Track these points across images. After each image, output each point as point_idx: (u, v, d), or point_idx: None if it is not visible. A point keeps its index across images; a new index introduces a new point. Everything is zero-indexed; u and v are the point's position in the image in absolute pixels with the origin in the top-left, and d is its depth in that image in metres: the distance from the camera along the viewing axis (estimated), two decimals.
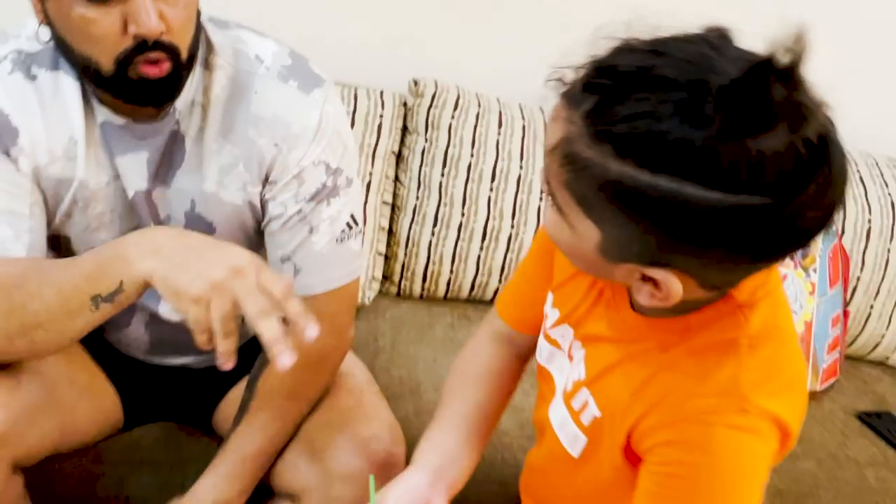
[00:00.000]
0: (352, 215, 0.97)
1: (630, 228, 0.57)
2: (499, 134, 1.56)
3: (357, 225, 0.98)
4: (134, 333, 1.04)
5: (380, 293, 1.60)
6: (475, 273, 1.57)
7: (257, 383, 0.97)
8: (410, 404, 1.26)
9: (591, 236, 0.60)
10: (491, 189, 1.54)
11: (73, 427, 0.96)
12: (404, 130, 1.59)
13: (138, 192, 0.92)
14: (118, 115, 0.88)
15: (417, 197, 1.55)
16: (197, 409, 1.11)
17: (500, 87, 1.65)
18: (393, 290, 1.60)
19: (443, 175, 1.54)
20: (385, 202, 1.57)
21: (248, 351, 1.08)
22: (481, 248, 1.56)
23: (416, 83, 1.59)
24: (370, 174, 1.52)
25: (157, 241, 0.76)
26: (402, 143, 1.59)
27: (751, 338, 0.65)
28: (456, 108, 1.56)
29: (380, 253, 1.56)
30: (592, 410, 0.73)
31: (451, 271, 1.57)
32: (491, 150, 1.54)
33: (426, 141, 1.55)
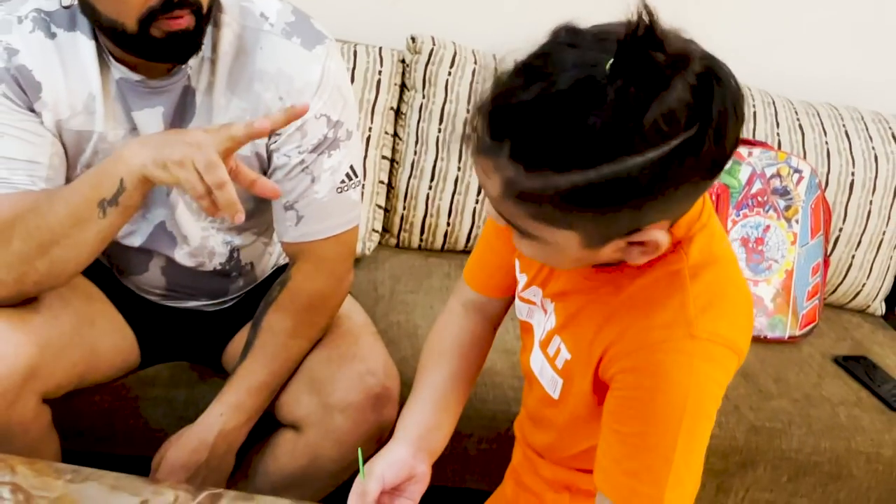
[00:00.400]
0: (351, 167, 1.02)
1: (602, 217, 0.62)
2: None
3: (356, 176, 1.03)
4: (151, 278, 1.11)
5: (379, 244, 1.66)
6: (471, 225, 1.63)
7: (261, 323, 1.03)
8: (408, 347, 1.33)
9: (571, 241, 0.65)
10: None
11: (95, 363, 1.04)
12: (402, 87, 1.64)
13: None
14: (133, 72, 0.93)
15: (415, 152, 1.60)
16: (208, 349, 1.18)
17: (496, 44, 1.68)
18: (392, 241, 1.67)
19: (440, 130, 1.59)
20: (384, 157, 1.62)
21: (254, 296, 1.15)
22: (477, 202, 1.61)
23: (414, 40, 1.63)
24: (369, 130, 1.57)
25: (145, 138, 0.88)
26: (400, 100, 1.63)
27: (692, 268, 0.71)
28: (452, 65, 1.60)
29: (379, 206, 1.62)
30: (564, 354, 0.79)
31: (448, 223, 1.63)
32: None
33: (424, 97, 1.60)
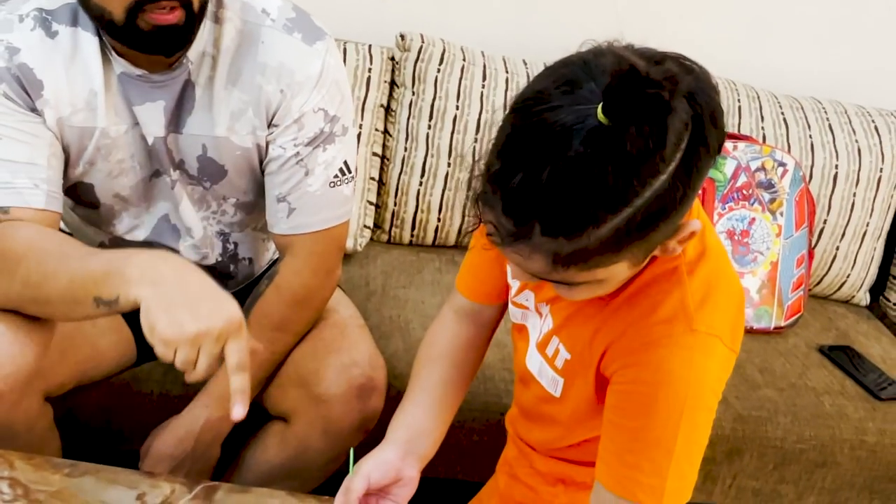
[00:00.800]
0: (345, 162, 1.03)
1: (645, 241, 0.63)
2: (483, 87, 1.62)
3: (350, 172, 1.04)
4: None
5: (371, 240, 1.67)
6: (461, 220, 1.65)
7: (249, 316, 1.04)
8: (400, 341, 1.35)
9: (620, 268, 0.66)
10: (476, 140, 1.61)
11: (95, 361, 1.05)
12: (392, 84, 1.65)
13: (157, 139, 0.98)
14: (135, 67, 0.93)
15: (406, 148, 1.62)
16: None
17: (485, 41, 1.71)
18: (383, 237, 1.68)
19: (429, 127, 1.60)
20: (375, 153, 1.63)
21: (248, 292, 1.16)
22: (467, 197, 1.62)
23: (403, 37, 1.64)
24: (360, 127, 1.59)
25: (161, 273, 0.78)
26: (390, 97, 1.65)
27: (688, 264, 0.73)
28: (442, 62, 1.61)
29: (370, 202, 1.64)
30: (563, 354, 0.81)
31: (439, 219, 1.65)
32: (475, 101, 1.61)
33: (413, 94, 1.61)
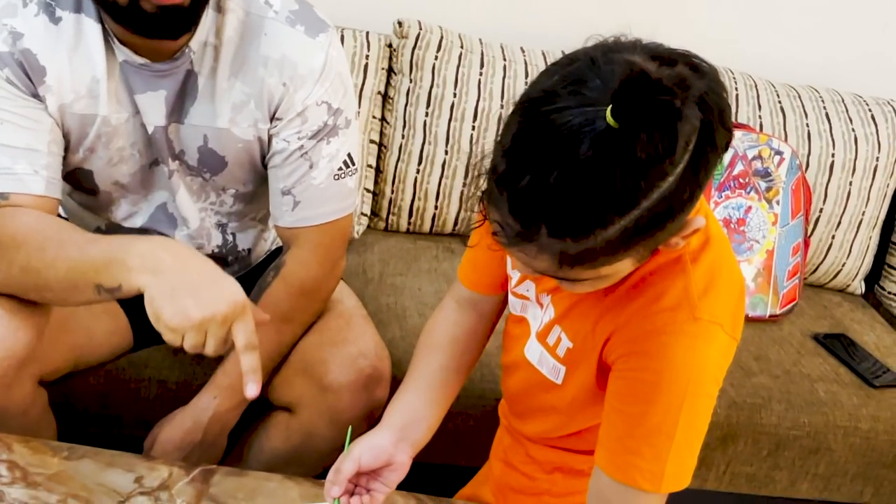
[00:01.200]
0: (349, 154, 1.03)
1: (651, 239, 0.63)
2: (480, 74, 1.62)
3: (353, 164, 1.04)
4: None
5: (368, 228, 1.68)
6: (459, 208, 1.65)
7: (255, 307, 1.05)
8: (397, 328, 1.36)
9: (625, 264, 0.66)
10: (473, 128, 1.61)
11: (89, 346, 1.06)
12: (389, 71, 1.65)
13: (157, 128, 0.98)
14: (137, 55, 0.93)
15: (403, 136, 1.62)
16: None
17: (483, 28, 1.70)
18: (381, 224, 1.69)
19: (427, 114, 1.60)
20: (372, 141, 1.63)
21: (247, 280, 1.17)
22: (464, 185, 1.63)
23: (401, 24, 1.64)
24: (357, 114, 1.59)
25: (161, 260, 0.79)
26: (387, 84, 1.65)
27: (692, 253, 0.73)
28: (439, 49, 1.61)
29: (368, 190, 1.64)
30: (565, 343, 0.81)
31: (436, 207, 1.65)
32: (473, 89, 1.61)
33: (411, 81, 1.61)
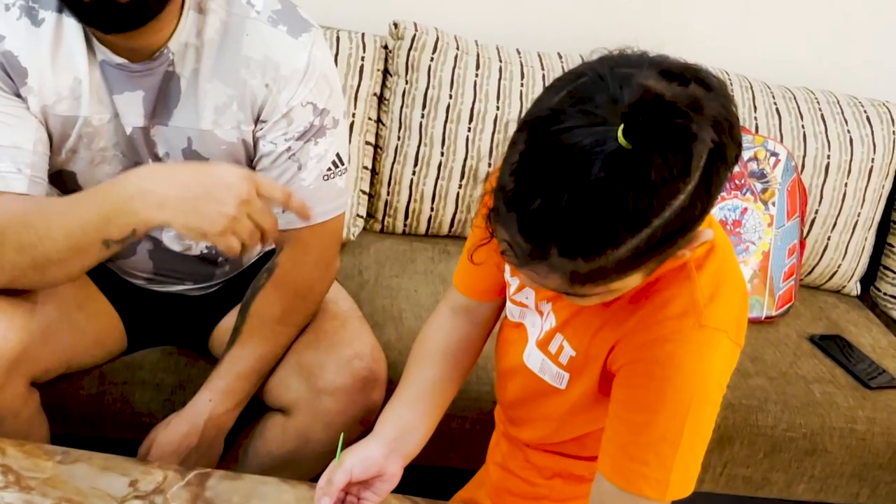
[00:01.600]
0: (338, 154, 1.03)
1: (661, 254, 0.63)
2: (476, 75, 1.61)
3: (343, 164, 1.04)
4: (138, 261, 1.11)
5: (364, 230, 1.67)
6: (455, 210, 1.65)
7: (249, 309, 1.04)
8: (393, 330, 1.35)
9: (634, 278, 0.66)
10: (469, 129, 1.60)
11: (82, 348, 1.05)
12: (385, 73, 1.64)
13: (135, 129, 0.97)
14: (115, 55, 0.93)
15: (399, 137, 1.62)
16: (194, 334, 1.19)
17: (478, 30, 1.70)
18: (377, 226, 1.68)
19: (423, 116, 1.60)
20: (368, 143, 1.63)
21: (239, 281, 1.16)
22: (460, 186, 1.63)
23: (396, 26, 1.64)
24: (353, 116, 1.58)
25: (157, 193, 0.81)
26: (383, 85, 1.64)
27: (696, 259, 0.73)
28: (435, 51, 1.61)
29: (364, 191, 1.63)
30: (568, 351, 0.81)
31: (432, 208, 1.65)
32: (469, 91, 1.60)
33: (406, 83, 1.61)
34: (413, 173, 1.62)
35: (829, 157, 1.70)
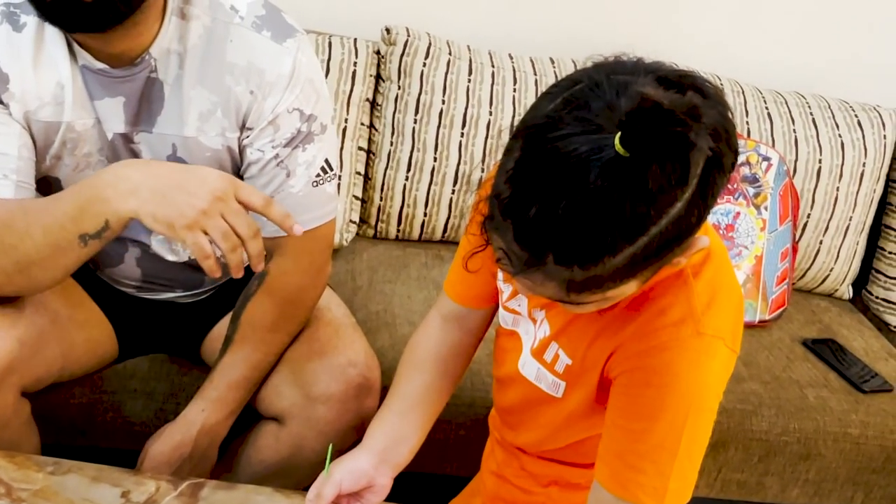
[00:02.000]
0: (326, 160, 1.02)
1: (657, 262, 0.63)
2: (469, 81, 1.61)
3: (332, 170, 1.03)
4: (126, 270, 1.11)
5: (357, 235, 1.67)
6: (448, 215, 1.65)
7: (241, 317, 1.04)
8: (387, 336, 1.35)
9: (630, 286, 0.66)
10: (462, 134, 1.60)
11: (73, 357, 1.04)
12: (378, 78, 1.64)
13: (116, 135, 0.97)
14: (96, 60, 0.92)
15: (391, 143, 1.61)
16: (185, 342, 1.18)
17: (471, 35, 1.70)
18: (370, 232, 1.68)
19: (415, 121, 1.60)
20: (360, 148, 1.62)
21: (230, 288, 1.16)
22: (453, 192, 1.63)
23: (389, 31, 1.63)
24: (345, 121, 1.58)
25: (132, 181, 0.81)
26: (375, 91, 1.64)
27: (693, 266, 0.73)
28: (427, 56, 1.61)
29: (356, 197, 1.63)
30: (564, 359, 0.80)
31: (425, 214, 1.64)
32: (461, 96, 1.60)
33: (399, 88, 1.61)
34: (406, 178, 1.61)
35: (820, 161, 1.71)
